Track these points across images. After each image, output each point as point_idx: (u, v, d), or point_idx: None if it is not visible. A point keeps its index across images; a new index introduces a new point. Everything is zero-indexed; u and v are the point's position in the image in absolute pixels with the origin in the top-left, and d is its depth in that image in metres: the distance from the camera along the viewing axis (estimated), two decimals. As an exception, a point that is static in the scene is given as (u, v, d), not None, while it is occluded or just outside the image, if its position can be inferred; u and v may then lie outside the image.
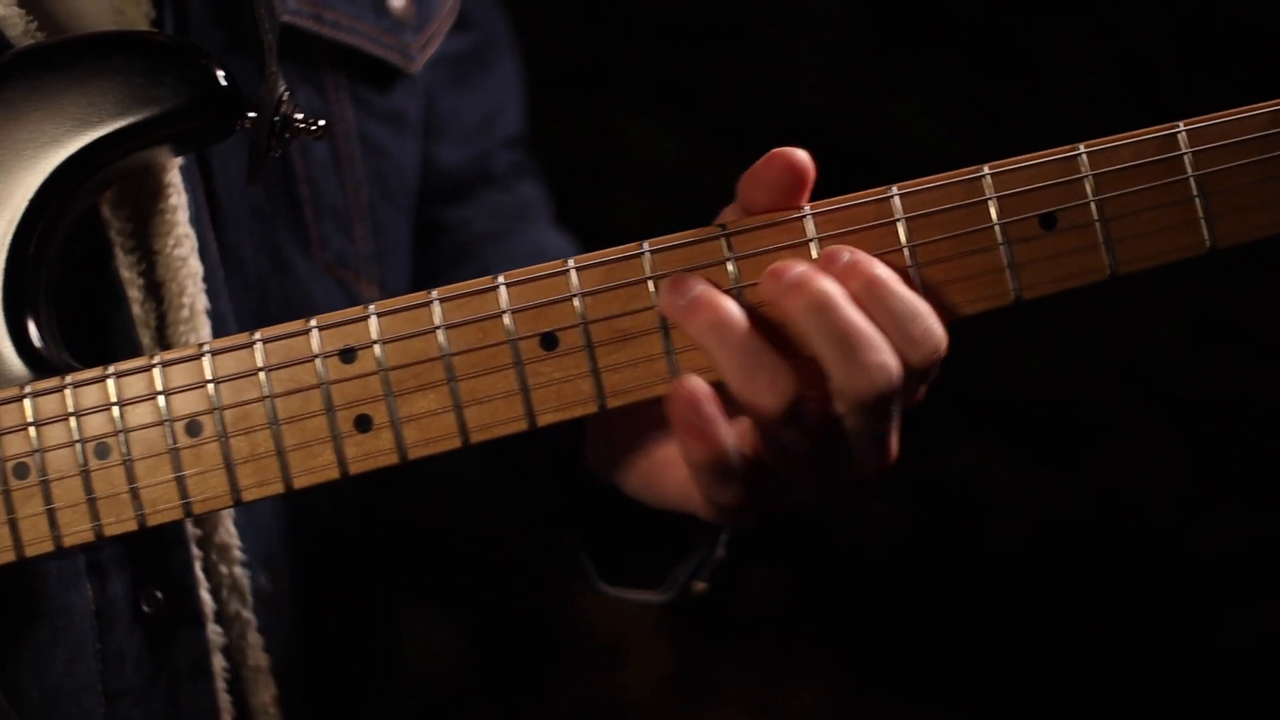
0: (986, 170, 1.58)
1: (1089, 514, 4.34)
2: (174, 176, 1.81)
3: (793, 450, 1.57)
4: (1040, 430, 4.38)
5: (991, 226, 1.57)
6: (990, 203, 1.56)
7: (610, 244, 1.59)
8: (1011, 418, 4.38)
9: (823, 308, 1.53)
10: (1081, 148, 1.58)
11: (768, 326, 1.55)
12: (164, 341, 1.81)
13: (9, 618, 1.71)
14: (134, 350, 1.78)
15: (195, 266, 1.82)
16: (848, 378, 1.54)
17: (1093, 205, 1.57)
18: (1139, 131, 1.58)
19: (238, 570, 1.88)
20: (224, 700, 1.90)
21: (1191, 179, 1.57)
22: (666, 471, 1.69)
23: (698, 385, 1.53)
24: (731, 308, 1.54)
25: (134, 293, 1.80)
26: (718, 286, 1.56)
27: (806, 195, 1.59)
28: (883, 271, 1.55)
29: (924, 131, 4.34)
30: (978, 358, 4.33)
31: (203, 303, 1.81)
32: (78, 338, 1.71)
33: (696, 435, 1.54)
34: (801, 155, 1.60)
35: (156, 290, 1.82)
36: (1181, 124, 1.58)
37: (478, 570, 4.21)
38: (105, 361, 1.65)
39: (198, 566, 1.86)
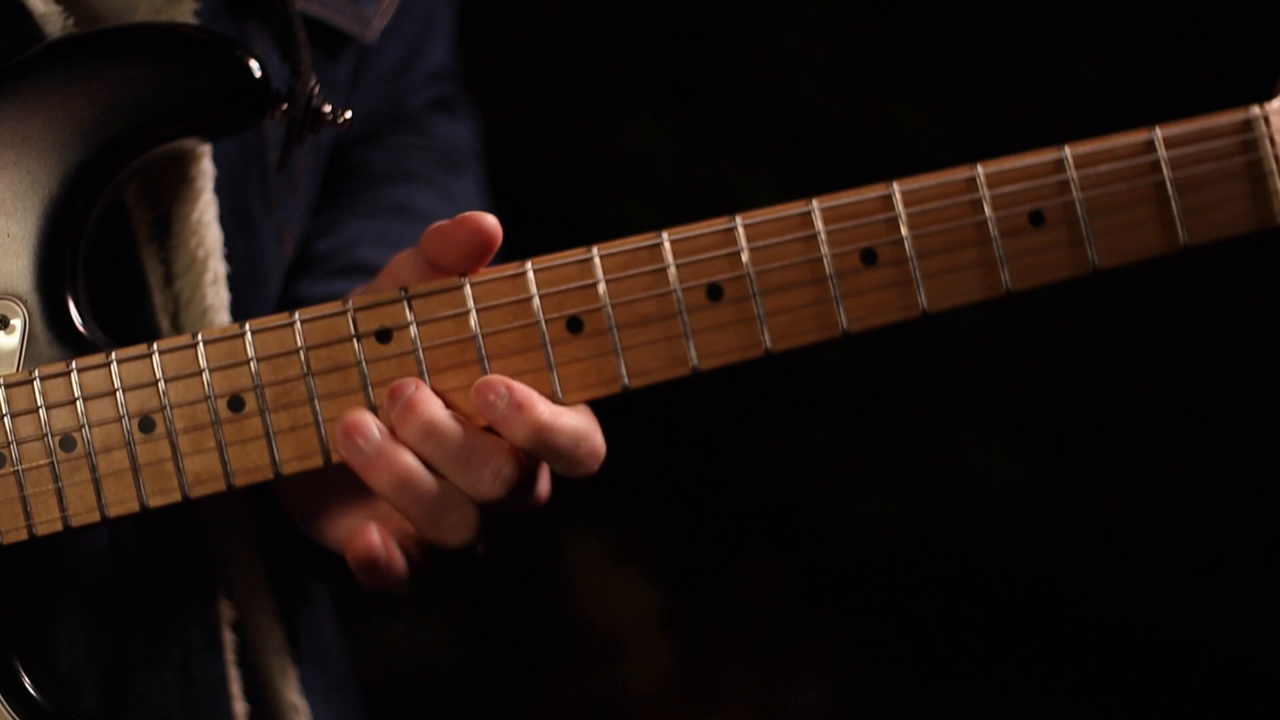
0: (980, 169, 1.72)
1: (1093, 513, 4.43)
2: (205, 149, 1.91)
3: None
4: (1044, 429, 4.47)
5: (985, 221, 1.72)
6: (984, 200, 1.71)
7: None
8: (1015, 416, 4.47)
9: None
10: (1067, 149, 1.73)
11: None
12: (179, 319, 1.92)
13: (43, 590, 1.82)
14: (153, 333, 1.90)
15: (217, 233, 1.93)
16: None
17: (1078, 203, 1.73)
18: (1120, 135, 1.74)
19: (250, 549, 2.00)
20: (234, 673, 2.01)
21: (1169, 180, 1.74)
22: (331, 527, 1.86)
23: (356, 419, 1.71)
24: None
25: (154, 279, 1.91)
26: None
27: (488, 260, 1.73)
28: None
29: (924, 131, 4.45)
30: (983, 357, 4.43)
31: (224, 269, 1.94)
32: (99, 321, 1.81)
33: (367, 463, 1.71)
34: (490, 221, 1.73)
35: (173, 275, 1.93)
36: (1158, 128, 1.73)
37: (478, 567, 4.30)
38: (125, 343, 1.77)
39: (212, 542, 1.98)
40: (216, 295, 1.94)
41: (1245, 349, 4.41)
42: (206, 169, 1.92)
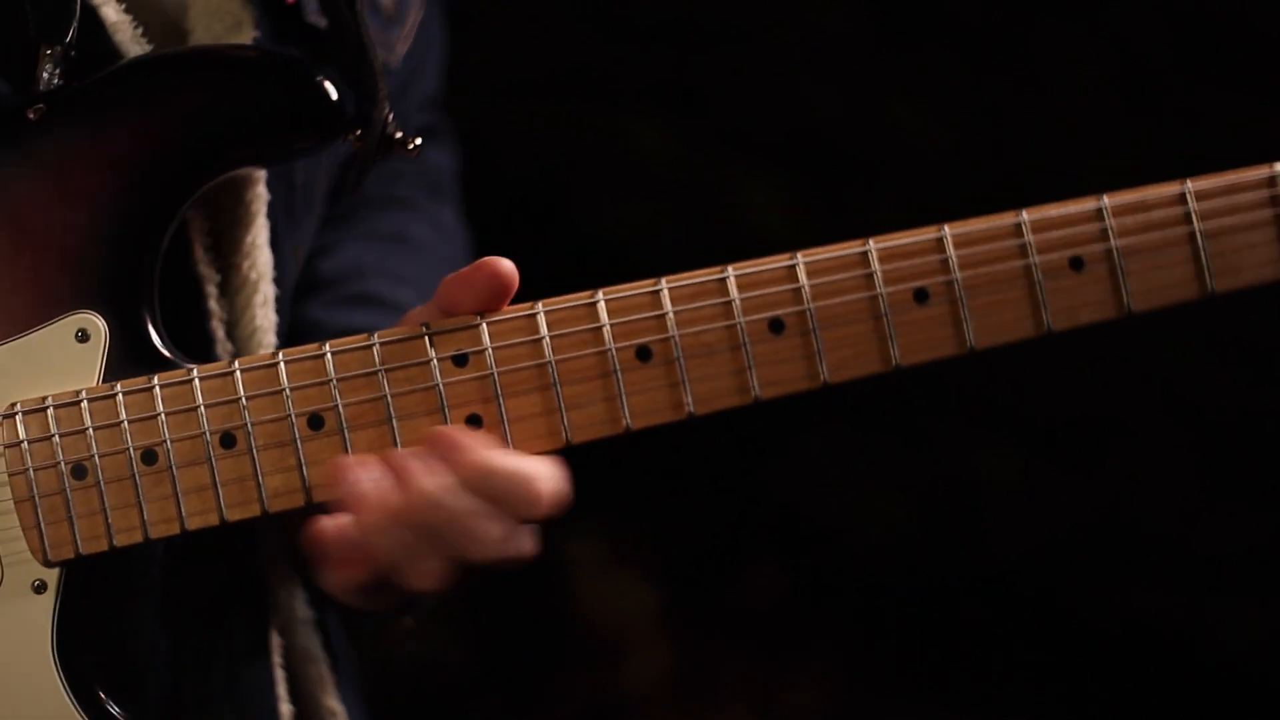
0: (1025, 215, 1.86)
1: (1094, 518, 4.49)
2: (260, 173, 2.01)
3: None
4: (1046, 433, 4.53)
5: (1030, 265, 1.85)
6: (1029, 245, 1.85)
7: (613, 245, 1.85)
8: (1018, 421, 4.53)
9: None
10: (1106, 199, 1.87)
11: None
12: (236, 332, 2.03)
13: (112, 597, 1.93)
14: (207, 342, 2.00)
15: (268, 256, 2.04)
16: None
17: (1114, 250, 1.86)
18: (1154, 186, 1.89)
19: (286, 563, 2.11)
20: (280, 675, 2.13)
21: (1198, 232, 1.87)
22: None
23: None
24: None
25: (211, 288, 2.02)
26: None
27: (507, 301, 1.85)
28: (479, 457, 1.81)
29: (924, 132, 4.45)
30: (987, 363, 4.47)
31: (273, 291, 2.04)
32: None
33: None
34: (507, 265, 1.85)
35: (226, 291, 2.04)
36: (1189, 182, 1.88)
37: (478, 568, 4.34)
38: (182, 352, 1.87)
39: (257, 551, 2.09)
40: (265, 317, 2.05)
41: (1248, 354, 4.46)
42: (262, 194, 2.02)
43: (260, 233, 2.03)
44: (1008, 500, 4.52)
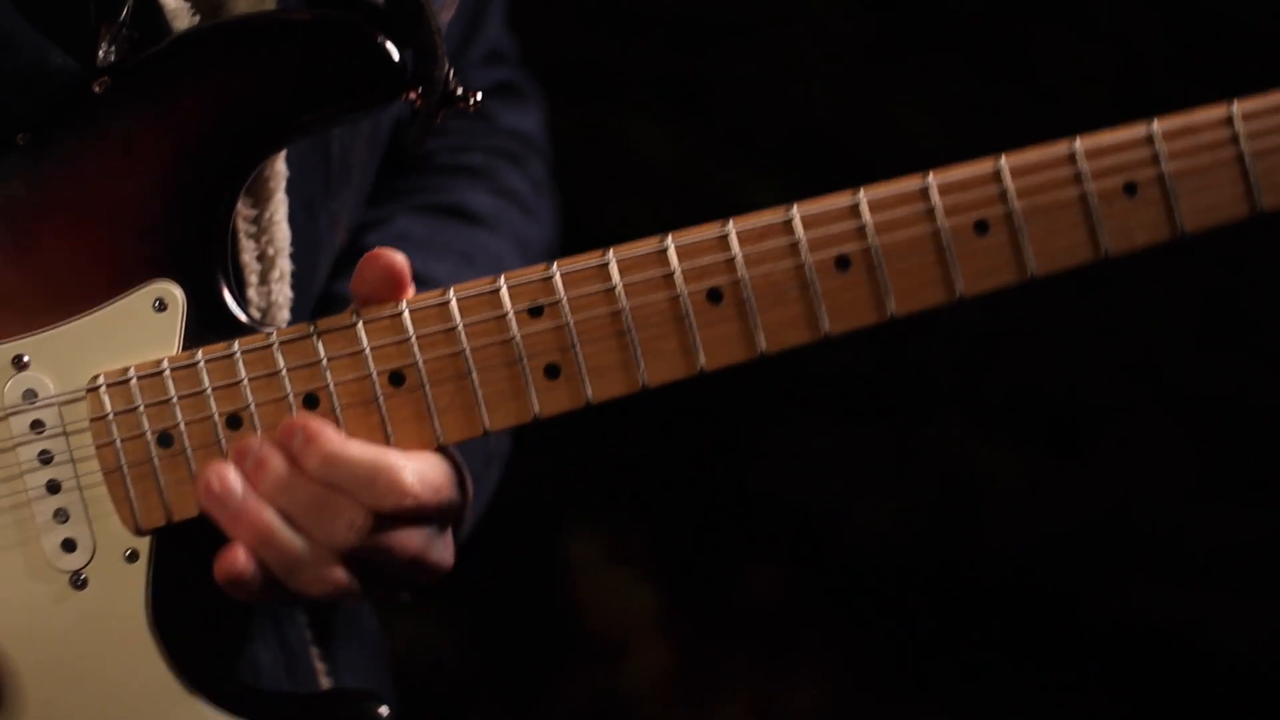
0: (1078, 143, 1.96)
1: (1093, 513, 4.53)
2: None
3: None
4: (1046, 430, 4.60)
5: (1085, 193, 1.95)
6: (1083, 174, 1.95)
7: (613, 244, 1.94)
8: (1017, 417, 4.59)
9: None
10: (1155, 124, 1.97)
11: None
12: (268, 310, 2.08)
13: (209, 562, 1.96)
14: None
15: (286, 232, 2.09)
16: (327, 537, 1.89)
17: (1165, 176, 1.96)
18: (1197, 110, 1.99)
19: None
20: (308, 634, 2.21)
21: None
22: None
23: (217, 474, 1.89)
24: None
25: (252, 278, 2.09)
26: None
27: (403, 293, 1.91)
28: (334, 445, 1.88)
29: (924, 132, 4.56)
30: (985, 358, 4.54)
31: (289, 267, 2.10)
32: None
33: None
34: (395, 258, 1.91)
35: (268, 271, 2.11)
36: (1236, 103, 1.99)
37: (479, 567, 4.38)
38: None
39: None
40: (281, 292, 2.11)
41: (1247, 349, 4.53)
42: (280, 170, 2.08)
43: (279, 209, 2.08)
44: (1008, 499, 4.57)
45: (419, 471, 1.89)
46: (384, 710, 1.94)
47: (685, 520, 4.67)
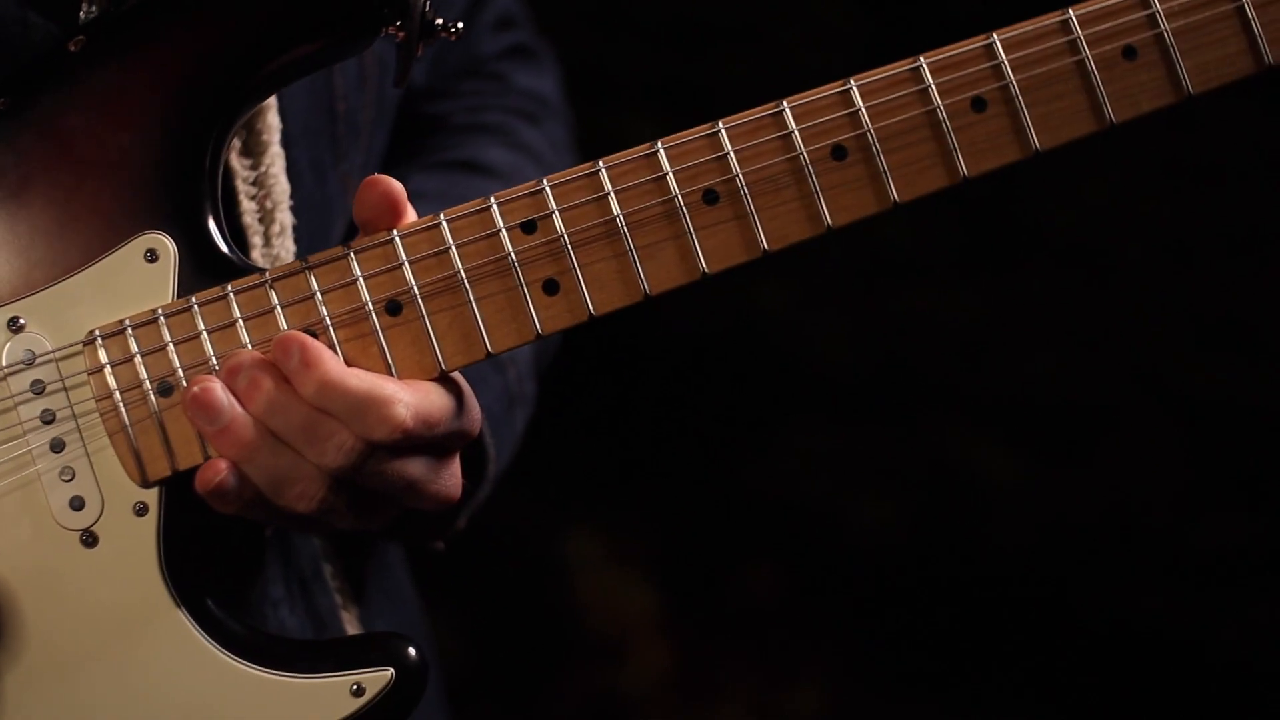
0: (1072, 12, 1.95)
1: (1092, 514, 4.56)
2: (270, 102, 2.08)
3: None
4: (1043, 430, 4.61)
5: (1083, 59, 1.94)
6: (1080, 40, 1.93)
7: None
8: (1014, 419, 4.62)
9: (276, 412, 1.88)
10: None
11: None
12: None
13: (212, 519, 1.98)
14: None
15: (284, 185, 2.10)
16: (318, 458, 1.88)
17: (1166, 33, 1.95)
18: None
19: None
20: (338, 599, 2.22)
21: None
22: None
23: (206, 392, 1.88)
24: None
25: (255, 239, 2.10)
26: None
27: (400, 218, 1.91)
28: (332, 374, 1.87)
29: None
30: (983, 359, 4.53)
31: (290, 220, 2.11)
32: None
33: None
34: (393, 184, 1.91)
35: (269, 227, 2.11)
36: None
37: (479, 567, 4.43)
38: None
39: None
40: (283, 245, 2.12)
41: (1245, 352, 4.54)
42: (273, 122, 2.09)
43: (275, 162, 2.10)
44: (1006, 500, 4.59)
45: (413, 404, 1.87)
46: (411, 651, 1.92)
47: (685, 520, 4.70)
